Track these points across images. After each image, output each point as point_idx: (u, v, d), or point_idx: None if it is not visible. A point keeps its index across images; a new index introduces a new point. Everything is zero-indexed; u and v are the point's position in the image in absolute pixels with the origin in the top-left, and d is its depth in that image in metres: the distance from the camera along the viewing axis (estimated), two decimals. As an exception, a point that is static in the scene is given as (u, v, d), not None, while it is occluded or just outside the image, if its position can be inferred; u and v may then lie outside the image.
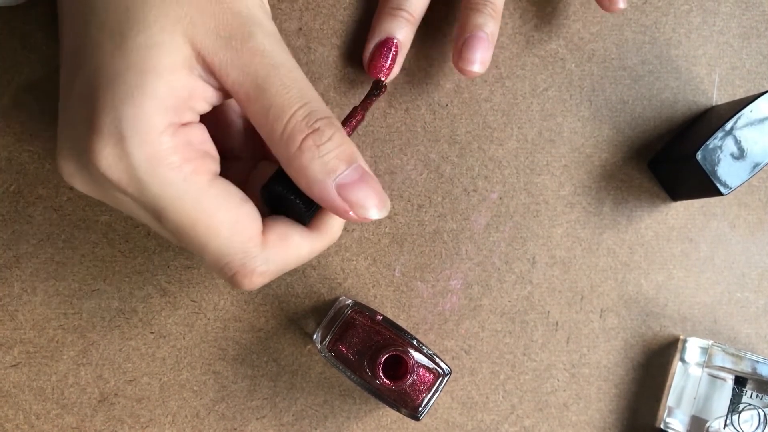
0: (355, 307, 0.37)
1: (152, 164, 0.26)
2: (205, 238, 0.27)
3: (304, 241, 0.30)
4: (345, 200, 0.28)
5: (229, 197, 0.28)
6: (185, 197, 0.27)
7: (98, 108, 0.26)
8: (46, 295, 0.39)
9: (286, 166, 0.28)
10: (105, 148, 0.26)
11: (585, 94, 0.43)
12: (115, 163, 0.26)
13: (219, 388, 0.40)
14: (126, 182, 0.26)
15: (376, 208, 0.29)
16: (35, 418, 0.39)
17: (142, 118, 0.26)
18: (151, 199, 0.27)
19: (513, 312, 0.42)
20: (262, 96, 0.27)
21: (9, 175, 0.39)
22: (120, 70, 0.26)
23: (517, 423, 0.42)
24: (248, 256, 0.28)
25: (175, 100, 0.27)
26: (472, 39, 0.37)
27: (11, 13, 0.38)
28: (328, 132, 0.28)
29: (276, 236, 0.29)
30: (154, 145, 0.26)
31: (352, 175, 0.28)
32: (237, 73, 0.27)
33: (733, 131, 0.39)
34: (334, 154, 0.28)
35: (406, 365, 0.35)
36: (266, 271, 0.29)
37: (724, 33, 0.44)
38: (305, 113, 0.27)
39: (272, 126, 0.27)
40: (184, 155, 0.27)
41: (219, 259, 0.28)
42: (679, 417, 0.42)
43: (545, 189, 0.43)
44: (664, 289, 0.43)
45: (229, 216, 0.28)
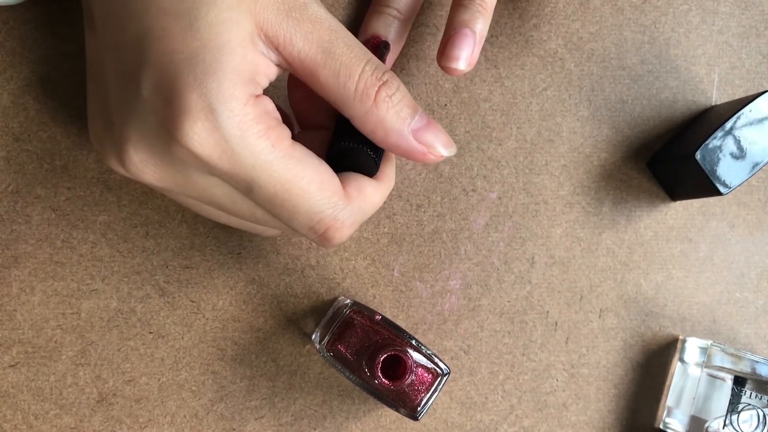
0: (354, 307, 0.37)
1: (242, 134, 0.27)
2: (298, 199, 0.28)
3: (375, 190, 0.32)
4: (421, 143, 0.30)
5: (310, 159, 0.29)
6: (276, 162, 0.28)
7: (180, 88, 0.26)
8: (45, 295, 0.39)
9: (362, 120, 0.30)
10: (195, 124, 0.26)
11: (584, 93, 0.43)
12: (206, 138, 0.27)
13: (218, 388, 0.40)
14: (218, 156, 0.27)
15: (445, 146, 0.31)
16: (34, 419, 0.39)
17: (227, 91, 0.27)
18: (245, 170, 0.27)
19: (512, 312, 0.42)
20: (330, 59, 0.29)
21: (7, 175, 0.39)
22: (196, 49, 0.27)
23: (516, 423, 0.42)
24: (337, 209, 0.29)
25: (249, 73, 0.28)
26: (457, 35, 0.36)
27: (11, 13, 0.38)
28: (395, 83, 0.30)
29: (354, 189, 0.31)
30: (242, 116, 0.27)
31: (421, 120, 0.31)
32: (302, 41, 0.28)
33: (733, 131, 0.39)
34: (405, 103, 0.30)
35: (405, 365, 0.35)
36: (354, 222, 0.30)
37: (724, 32, 0.44)
38: (373, 68, 0.29)
39: (345, 85, 0.29)
40: (266, 123, 0.28)
41: (311, 218, 0.29)
42: (679, 417, 0.42)
43: (544, 189, 0.42)
44: (664, 289, 0.43)
45: (315, 175, 0.29)
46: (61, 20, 0.39)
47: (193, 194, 0.30)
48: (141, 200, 0.40)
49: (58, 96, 0.39)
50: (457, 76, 0.40)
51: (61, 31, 0.39)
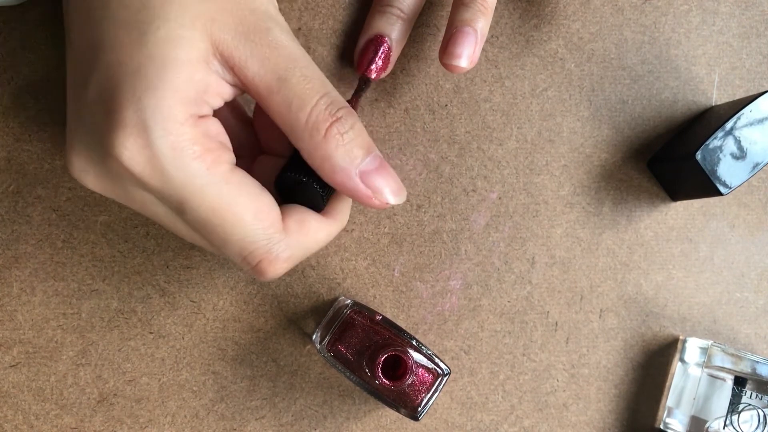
0: (354, 307, 0.37)
1: (176, 154, 0.26)
2: (230, 227, 0.28)
3: (320, 226, 0.31)
4: (367, 186, 0.30)
5: (249, 186, 0.28)
6: (209, 186, 0.27)
7: (119, 101, 0.26)
8: (45, 296, 0.39)
9: (309, 154, 0.29)
10: (128, 139, 0.26)
11: (584, 94, 0.43)
12: (138, 155, 0.26)
13: (218, 388, 0.40)
14: (149, 173, 0.27)
15: (394, 193, 0.31)
16: (34, 419, 0.39)
17: (164, 109, 0.26)
18: (175, 190, 0.27)
19: (512, 312, 0.42)
20: (284, 87, 0.28)
21: (8, 175, 0.39)
22: (141, 63, 0.26)
23: (517, 423, 0.42)
24: (272, 242, 0.29)
25: (195, 93, 0.27)
26: (458, 34, 0.36)
27: (11, 13, 0.38)
28: (350, 120, 0.29)
29: (295, 222, 0.30)
30: (177, 135, 0.26)
31: (372, 163, 0.30)
32: (258, 66, 0.28)
33: (733, 131, 0.39)
34: (357, 143, 0.29)
35: (406, 365, 0.35)
36: (290, 256, 0.29)
37: (724, 33, 0.44)
38: (327, 102, 0.29)
39: (296, 116, 0.28)
40: (204, 145, 0.27)
41: (243, 248, 0.28)
42: (679, 417, 0.42)
43: (545, 189, 0.42)
44: (664, 289, 0.43)
45: (251, 204, 0.28)
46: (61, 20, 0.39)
47: (136, 207, 0.30)
48: (141, 200, 0.40)
49: (58, 96, 0.39)
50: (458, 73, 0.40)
51: (61, 32, 0.39)
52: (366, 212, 0.41)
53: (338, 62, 0.41)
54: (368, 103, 0.41)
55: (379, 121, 0.41)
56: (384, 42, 0.38)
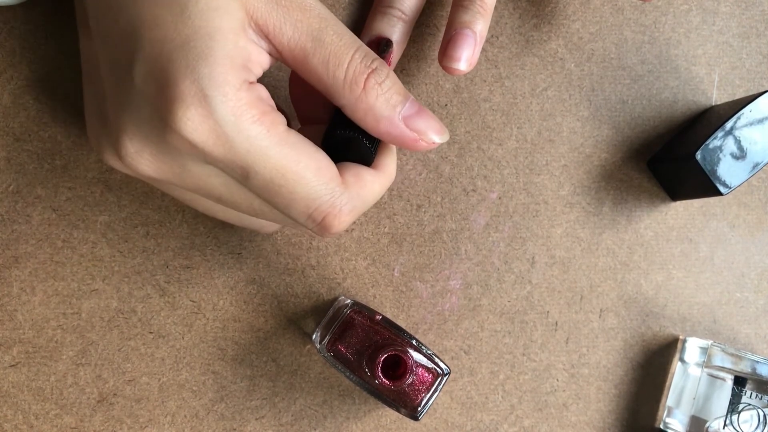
0: (354, 307, 0.37)
1: (237, 119, 0.27)
2: (294, 185, 0.28)
3: (375, 179, 0.31)
4: (412, 130, 0.30)
5: (306, 145, 0.29)
6: (271, 148, 0.27)
7: (172, 75, 0.26)
8: (45, 295, 0.39)
9: (352, 109, 0.30)
10: (189, 110, 0.26)
11: (584, 93, 0.43)
12: (201, 124, 0.26)
13: (218, 388, 0.40)
14: (213, 142, 0.27)
15: (438, 133, 0.31)
16: (34, 418, 0.39)
17: (220, 76, 0.26)
18: (240, 156, 0.27)
19: (512, 312, 0.42)
20: (320, 47, 0.28)
21: (8, 175, 0.39)
22: (187, 36, 0.27)
23: (517, 423, 0.42)
24: (335, 195, 0.29)
25: (242, 60, 0.27)
26: (457, 36, 0.37)
27: (11, 13, 0.38)
28: (385, 70, 0.30)
29: (352, 176, 0.30)
30: (235, 101, 0.27)
31: (412, 107, 0.30)
32: (292, 30, 0.28)
33: (733, 131, 0.39)
34: (395, 90, 0.30)
35: (405, 365, 0.35)
36: (353, 209, 0.30)
37: (724, 32, 0.44)
38: (362, 55, 0.29)
39: (334, 73, 0.29)
40: (260, 108, 0.27)
41: (309, 204, 0.29)
42: (679, 417, 0.42)
43: (544, 189, 0.42)
44: (664, 289, 0.43)
45: (311, 161, 0.28)
46: (61, 20, 0.39)
47: (190, 185, 0.30)
48: (141, 200, 0.40)
49: (58, 96, 0.39)
50: (458, 75, 0.40)
51: (61, 31, 0.39)
52: (366, 212, 0.41)
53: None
54: (368, 102, 0.41)
55: (379, 120, 0.41)
56: (382, 39, 0.38)
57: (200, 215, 0.40)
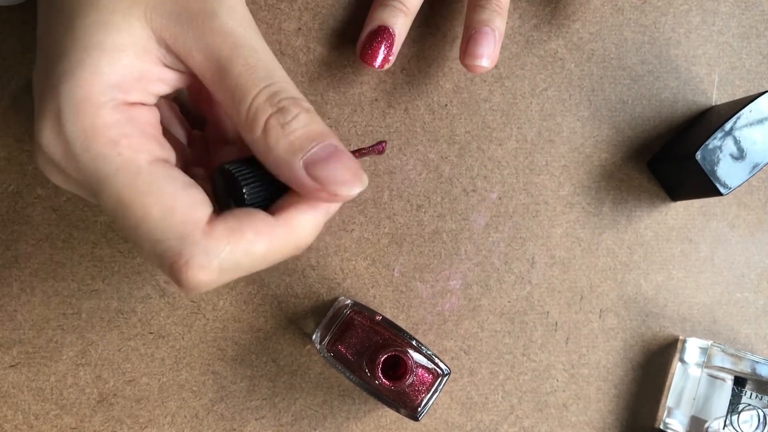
0: (355, 308, 0.37)
1: (87, 138, 0.25)
2: (138, 220, 0.25)
3: (259, 238, 0.26)
4: (314, 178, 0.26)
5: (168, 180, 0.26)
6: (118, 175, 0.25)
7: (43, 88, 0.26)
8: (45, 296, 0.39)
9: (253, 150, 0.27)
10: (45, 124, 0.26)
11: (584, 93, 0.43)
12: (53, 139, 0.26)
13: (218, 388, 0.40)
14: (63, 158, 0.26)
15: (348, 184, 0.27)
16: (34, 419, 0.39)
17: (79, 92, 0.25)
18: (87, 176, 0.26)
19: (512, 312, 0.42)
20: (227, 77, 0.26)
21: (8, 176, 0.39)
22: (65, 49, 0.26)
23: (517, 423, 0.42)
24: (185, 242, 0.25)
25: (121, 78, 0.26)
26: (478, 34, 0.37)
27: (11, 13, 0.38)
28: (294, 110, 0.27)
29: (224, 228, 0.26)
30: (90, 119, 0.25)
31: (321, 152, 0.26)
32: (201, 55, 0.26)
33: (733, 131, 0.39)
34: (301, 133, 0.26)
35: (405, 365, 0.35)
36: (207, 265, 0.25)
37: (724, 33, 0.44)
38: (269, 93, 0.26)
39: (237, 108, 0.26)
40: (122, 132, 0.26)
41: (154, 245, 0.26)
42: (679, 417, 0.42)
43: (544, 189, 0.42)
44: (664, 289, 0.43)
45: (166, 198, 0.26)
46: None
47: (71, 190, 0.29)
48: (141, 200, 0.40)
49: (59, 96, 0.39)
50: (480, 73, 0.39)
51: (62, 32, 0.39)
52: (366, 212, 0.41)
53: (338, 62, 0.41)
54: (368, 102, 0.41)
55: (379, 121, 0.41)
56: (386, 32, 0.38)
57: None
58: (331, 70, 0.41)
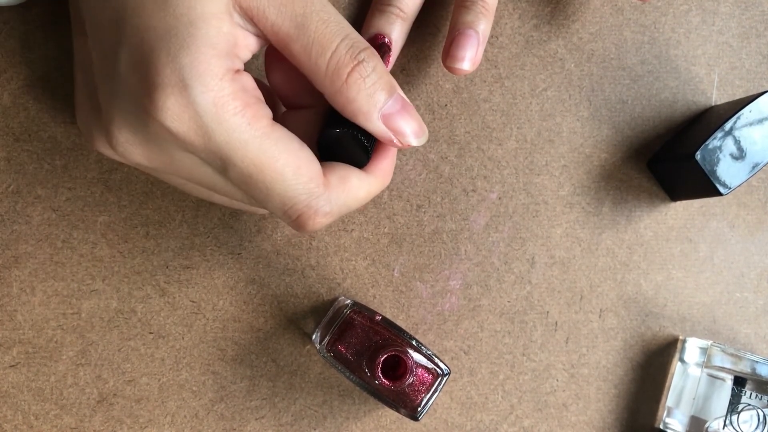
0: (354, 308, 0.37)
1: (217, 110, 0.26)
2: (271, 182, 0.28)
3: (362, 183, 0.31)
4: (390, 129, 0.30)
5: (289, 141, 0.28)
6: (251, 141, 0.27)
7: (154, 64, 0.26)
8: (45, 296, 0.39)
9: (332, 100, 0.29)
10: (168, 99, 0.26)
11: (584, 94, 0.43)
12: (180, 114, 0.26)
13: (218, 388, 0.40)
14: (193, 132, 0.26)
15: (416, 135, 0.31)
16: (34, 419, 0.39)
17: (201, 65, 0.26)
18: (218, 147, 0.27)
19: (512, 312, 0.42)
20: (303, 33, 0.28)
21: (8, 175, 0.39)
22: (169, 24, 0.26)
23: (516, 423, 0.42)
24: (312, 196, 0.29)
25: (227, 46, 0.27)
26: (461, 36, 0.37)
27: (11, 13, 0.38)
28: (372, 63, 0.29)
29: (336, 178, 0.30)
30: (217, 91, 0.26)
31: (395, 105, 0.30)
32: (275, 14, 0.28)
33: (733, 131, 0.39)
34: (379, 85, 0.29)
35: (405, 365, 0.35)
36: (329, 211, 0.29)
37: (724, 33, 0.44)
38: (348, 46, 0.28)
39: (316, 62, 0.28)
40: (244, 100, 0.27)
41: (284, 202, 0.28)
42: (679, 417, 0.42)
43: (544, 189, 0.43)
44: (664, 289, 0.43)
45: (292, 158, 0.28)
46: (61, 20, 0.39)
47: (181, 173, 0.30)
48: (141, 200, 0.40)
49: (58, 96, 0.39)
50: (461, 75, 0.40)
51: (61, 32, 0.39)
52: (366, 212, 0.41)
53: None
54: (368, 103, 0.41)
55: (379, 121, 0.41)
56: (383, 41, 0.38)
57: (200, 215, 0.40)
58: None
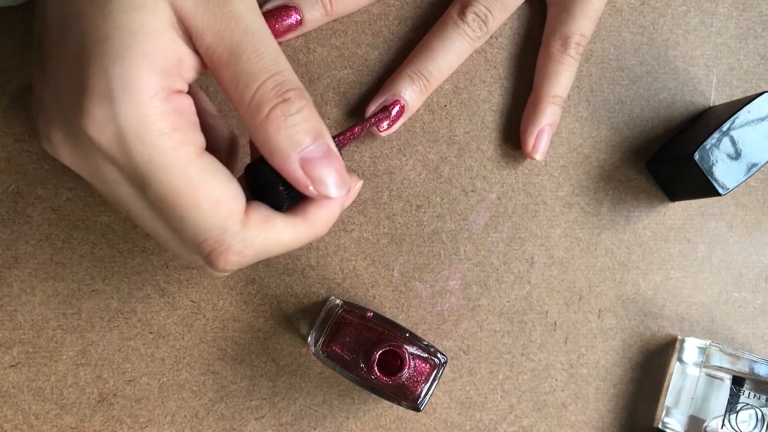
0: (345, 307, 0.37)
1: (141, 128, 0.25)
2: (186, 210, 0.27)
3: (286, 228, 0.29)
4: (307, 175, 0.28)
5: (215, 173, 0.27)
6: (172, 166, 0.26)
7: (87, 70, 0.25)
8: (45, 296, 0.39)
9: (252, 135, 0.28)
10: (94, 109, 0.25)
11: (583, 94, 0.43)
12: (103, 126, 0.25)
13: (218, 388, 0.40)
14: (114, 146, 0.26)
15: (336, 186, 0.29)
16: (34, 419, 0.39)
17: (132, 79, 0.25)
18: (137, 166, 0.26)
19: (511, 312, 0.42)
20: (235, 62, 0.27)
21: (8, 176, 0.39)
22: (108, 31, 0.25)
23: (516, 423, 0.42)
24: (227, 232, 0.27)
25: (166, 63, 0.26)
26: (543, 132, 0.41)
27: (11, 13, 0.38)
28: (298, 104, 0.27)
29: (258, 217, 0.28)
30: (144, 108, 0.25)
31: (317, 150, 0.28)
32: (212, 37, 0.27)
33: (731, 132, 0.39)
34: (302, 127, 0.28)
35: (401, 359, 0.35)
36: (243, 251, 0.28)
37: (722, 34, 0.44)
38: (276, 82, 0.27)
39: (242, 93, 0.27)
40: (173, 123, 0.26)
41: (197, 235, 0.27)
42: (677, 417, 0.42)
43: (543, 189, 0.43)
44: (662, 289, 0.44)
45: (213, 190, 0.27)
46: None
47: (104, 187, 0.29)
48: (141, 200, 0.40)
49: (59, 96, 0.39)
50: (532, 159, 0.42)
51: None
52: (366, 212, 0.41)
53: (338, 63, 0.41)
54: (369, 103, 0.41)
55: (379, 121, 0.41)
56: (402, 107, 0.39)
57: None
58: (331, 71, 0.41)
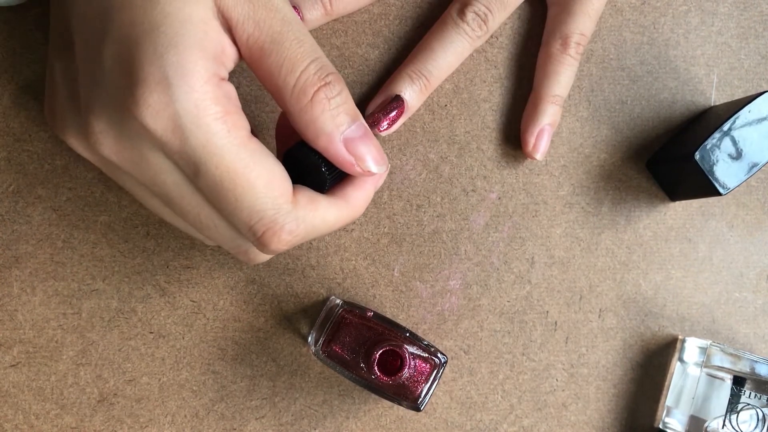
0: (345, 306, 0.37)
1: (198, 112, 0.26)
2: (242, 192, 0.28)
3: (331, 208, 0.31)
4: (351, 154, 0.30)
5: (264, 155, 0.28)
6: (228, 148, 0.27)
7: (139, 59, 0.26)
8: (46, 295, 0.39)
9: (295, 118, 0.29)
10: (150, 96, 0.26)
11: (583, 94, 0.43)
12: (159, 112, 0.26)
13: (218, 388, 0.40)
14: (170, 131, 0.26)
15: (376, 162, 0.31)
16: (34, 418, 0.39)
17: (187, 66, 0.26)
18: (193, 150, 0.27)
19: (512, 312, 0.42)
20: (277, 50, 0.28)
21: (8, 176, 0.39)
22: (157, 21, 0.26)
23: (516, 423, 0.42)
24: (280, 212, 0.28)
25: (214, 51, 0.27)
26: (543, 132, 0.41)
27: (11, 13, 0.38)
28: (338, 87, 0.29)
29: (305, 198, 0.30)
30: (200, 93, 0.26)
31: (357, 130, 0.30)
32: (253, 27, 0.28)
33: (732, 131, 0.39)
34: (343, 109, 0.29)
35: (401, 358, 0.35)
36: (295, 230, 0.29)
37: (723, 33, 0.44)
38: (318, 67, 0.28)
39: (285, 79, 0.28)
40: (225, 107, 0.27)
41: (252, 216, 0.28)
42: (678, 417, 0.42)
43: (544, 189, 0.43)
44: (663, 289, 0.43)
45: (265, 172, 0.28)
46: (62, 20, 0.39)
47: (145, 177, 0.29)
48: (142, 200, 0.40)
49: (59, 96, 0.39)
50: None
51: (62, 32, 0.39)
52: (366, 212, 0.41)
53: (338, 63, 0.41)
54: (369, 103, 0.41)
55: (379, 121, 0.41)
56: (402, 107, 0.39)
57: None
58: (331, 71, 0.41)
